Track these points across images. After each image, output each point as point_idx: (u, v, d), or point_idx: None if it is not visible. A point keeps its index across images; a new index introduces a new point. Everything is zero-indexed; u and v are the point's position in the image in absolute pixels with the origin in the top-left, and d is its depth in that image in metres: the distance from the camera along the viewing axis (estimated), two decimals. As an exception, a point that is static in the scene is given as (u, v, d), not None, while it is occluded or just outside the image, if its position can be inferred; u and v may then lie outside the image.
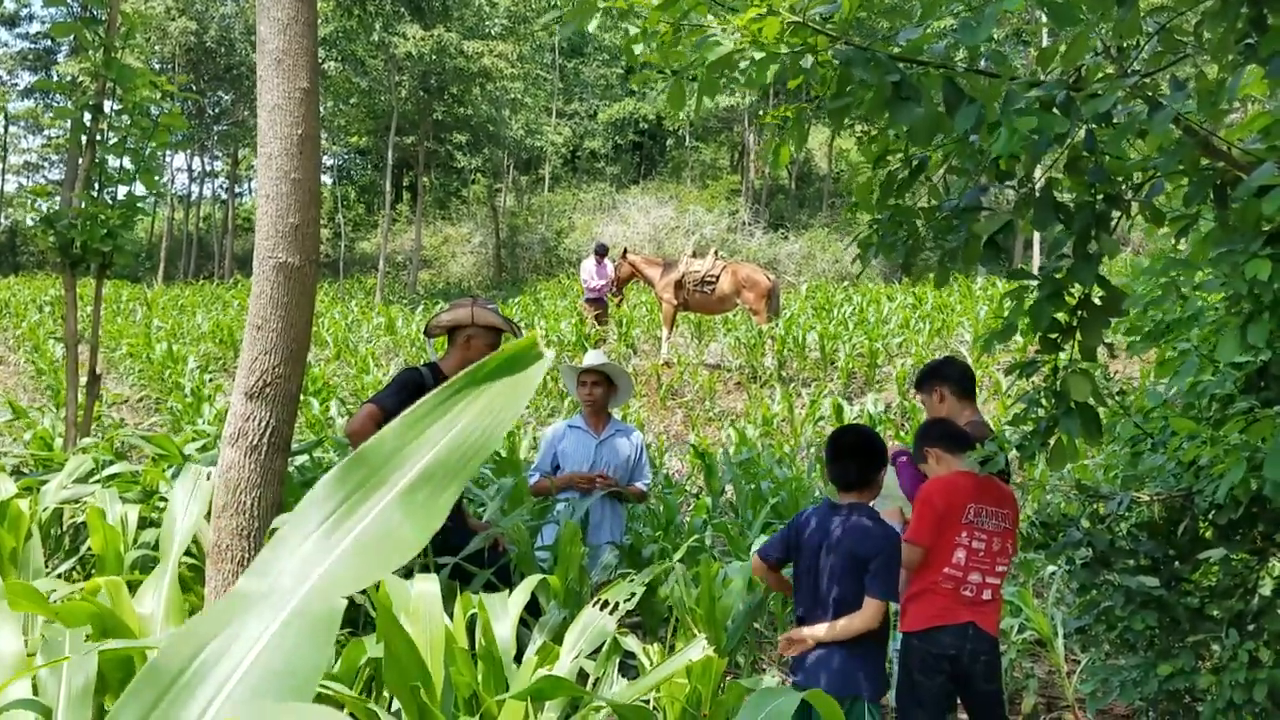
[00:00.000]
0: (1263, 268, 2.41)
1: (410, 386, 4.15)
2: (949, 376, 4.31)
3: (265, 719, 0.92)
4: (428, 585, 2.86)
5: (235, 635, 0.97)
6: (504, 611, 3.22)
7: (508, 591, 3.47)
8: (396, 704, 2.55)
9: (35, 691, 2.39)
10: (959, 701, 3.81)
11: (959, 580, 3.63)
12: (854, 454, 3.60)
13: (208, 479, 3.81)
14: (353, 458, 1.09)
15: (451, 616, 3.18)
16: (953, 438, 3.84)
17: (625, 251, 16.30)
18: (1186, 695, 3.81)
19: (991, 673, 3.66)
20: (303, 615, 0.97)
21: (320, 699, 2.40)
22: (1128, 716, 4.67)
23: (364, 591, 3.09)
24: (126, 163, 6.46)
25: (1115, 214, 2.89)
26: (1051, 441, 3.12)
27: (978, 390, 4.59)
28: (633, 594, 3.54)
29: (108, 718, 0.93)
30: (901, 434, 9.76)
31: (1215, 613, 3.67)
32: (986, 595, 3.64)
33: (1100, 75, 2.81)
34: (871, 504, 3.64)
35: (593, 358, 5.35)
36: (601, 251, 16.30)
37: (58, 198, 6.58)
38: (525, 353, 1.14)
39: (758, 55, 2.89)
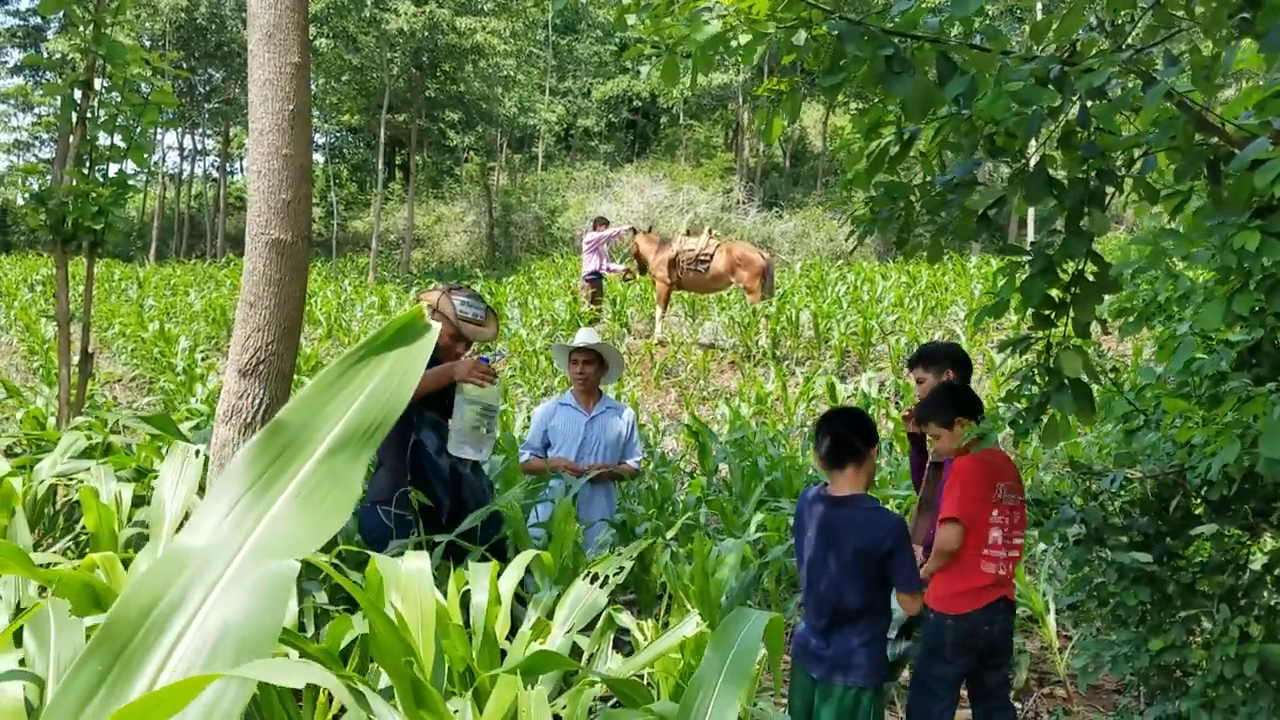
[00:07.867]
0: (1251, 238, 2.41)
1: None
2: (961, 361, 4.35)
3: (254, 674, 0.93)
4: (418, 562, 2.87)
5: (184, 593, 0.98)
6: (498, 587, 3.23)
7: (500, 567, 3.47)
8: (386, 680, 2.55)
9: (23, 664, 2.39)
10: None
11: (997, 559, 3.63)
12: (844, 427, 3.45)
13: (196, 455, 3.81)
14: (272, 425, 1.13)
15: (445, 593, 3.19)
16: (977, 407, 3.85)
17: (634, 230, 15.91)
18: (1177, 669, 3.83)
19: (1010, 641, 3.77)
20: (254, 576, 0.99)
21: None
22: (1118, 691, 4.70)
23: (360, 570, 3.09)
24: (117, 140, 6.42)
25: (1108, 189, 2.89)
26: (1045, 418, 3.13)
27: (973, 368, 4.61)
28: (621, 568, 3.54)
29: (65, 679, 0.93)
30: (895, 413, 9.76)
31: (1206, 588, 3.69)
32: (1013, 568, 3.74)
33: (1095, 50, 2.80)
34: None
35: (584, 336, 5.35)
36: (602, 225, 15.95)
37: (49, 176, 6.52)
38: (414, 324, 1.19)
39: (745, 39, 2.86)
